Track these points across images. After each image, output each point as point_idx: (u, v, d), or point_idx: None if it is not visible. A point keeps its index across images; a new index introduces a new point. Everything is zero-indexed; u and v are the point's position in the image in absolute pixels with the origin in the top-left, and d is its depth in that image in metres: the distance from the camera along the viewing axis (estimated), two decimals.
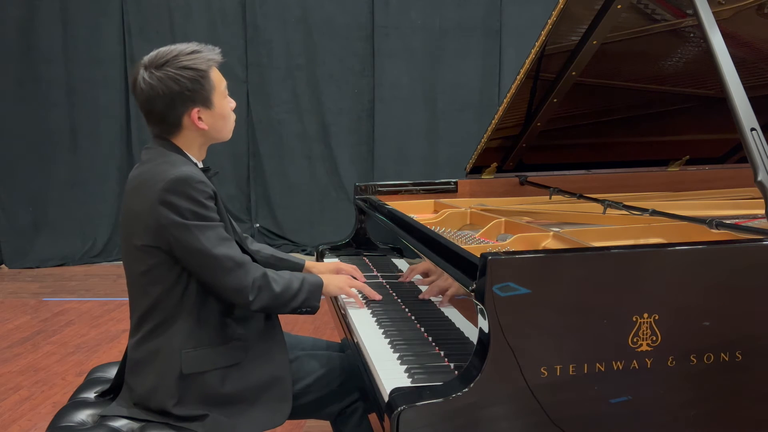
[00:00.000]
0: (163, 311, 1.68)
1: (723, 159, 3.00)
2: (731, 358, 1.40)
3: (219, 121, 1.75)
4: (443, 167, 5.86)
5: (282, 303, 1.73)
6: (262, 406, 1.73)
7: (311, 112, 6.11)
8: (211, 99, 1.71)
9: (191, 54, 1.69)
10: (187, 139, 1.74)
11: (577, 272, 1.35)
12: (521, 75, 2.38)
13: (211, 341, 1.70)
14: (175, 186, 1.61)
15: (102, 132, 6.09)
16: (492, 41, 5.90)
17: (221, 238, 1.66)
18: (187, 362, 1.67)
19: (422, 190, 2.83)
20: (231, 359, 1.72)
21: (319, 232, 6.04)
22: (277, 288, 1.71)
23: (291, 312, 1.76)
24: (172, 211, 1.61)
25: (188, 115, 1.69)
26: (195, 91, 1.68)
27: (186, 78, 1.66)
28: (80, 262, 6.05)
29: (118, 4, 5.95)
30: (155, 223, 1.62)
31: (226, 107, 1.76)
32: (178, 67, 1.66)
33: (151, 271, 1.67)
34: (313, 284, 1.81)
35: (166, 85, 1.65)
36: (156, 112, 1.69)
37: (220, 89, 1.74)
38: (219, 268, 1.64)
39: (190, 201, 1.62)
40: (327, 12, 5.98)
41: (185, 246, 1.62)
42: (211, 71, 1.71)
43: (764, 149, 1.59)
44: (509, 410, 1.32)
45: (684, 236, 1.83)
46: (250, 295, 1.66)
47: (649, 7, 2.23)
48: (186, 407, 1.66)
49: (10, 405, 3.13)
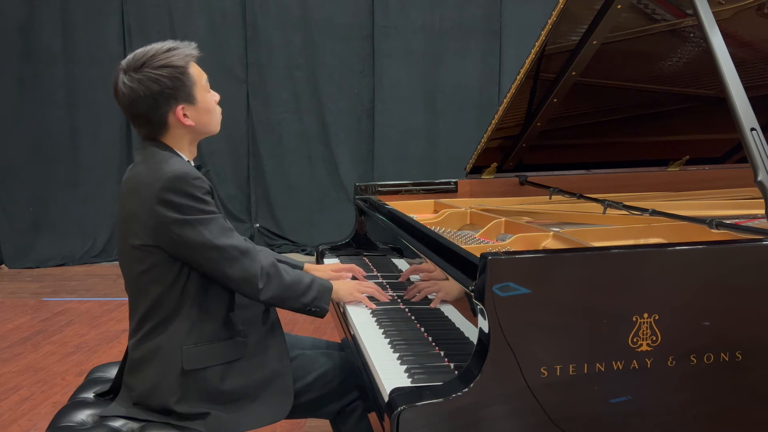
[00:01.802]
0: (164, 309, 1.68)
1: (723, 159, 3.00)
2: (731, 358, 1.40)
3: (204, 115, 1.74)
4: (443, 167, 5.86)
5: (292, 296, 1.73)
6: (263, 400, 1.73)
7: (311, 112, 6.11)
8: (193, 94, 1.70)
9: (167, 52, 1.68)
10: (176, 138, 1.73)
11: (577, 272, 1.35)
12: (521, 75, 2.38)
13: (211, 337, 1.70)
14: (172, 184, 1.61)
15: (102, 132, 6.09)
16: (492, 41, 5.90)
17: (223, 228, 1.66)
18: (188, 358, 1.67)
19: (422, 190, 2.83)
20: (232, 354, 1.72)
21: (319, 232, 6.04)
22: (288, 278, 1.72)
23: (301, 308, 1.76)
24: (172, 209, 1.61)
25: (173, 113, 1.69)
26: (176, 88, 1.67)
27: (165, 77, 1.65)
28: (80, 262, 6.05)
29: (118, 4, 5.95)
30: (155, 222, 1.62)
31: (209, 101, 1.75)
32: (155, 66, 1.65)
33: (150, 270, 1.67)
34: (323, 286, 1.80)
35: (147, 86, 1.65)
36: (141, 115, 1.68)
37: (201, 83, 1.73)
38: (224, 259, 1.64)
39: (188, 198, 1.62)
40: (327, 12, 5.98)
41: (188, 241, 1.62)
42: (189, 66, 1.70)
43: (764, 149, 1.59)
44: (509, 410, 1.32)
45: (684, 236, 1.83)
46: (260, 283, 1.67)
47: (649, 7, 2.23)
48: (188, 404, 1.67)
49: (10, 405, 3.13)
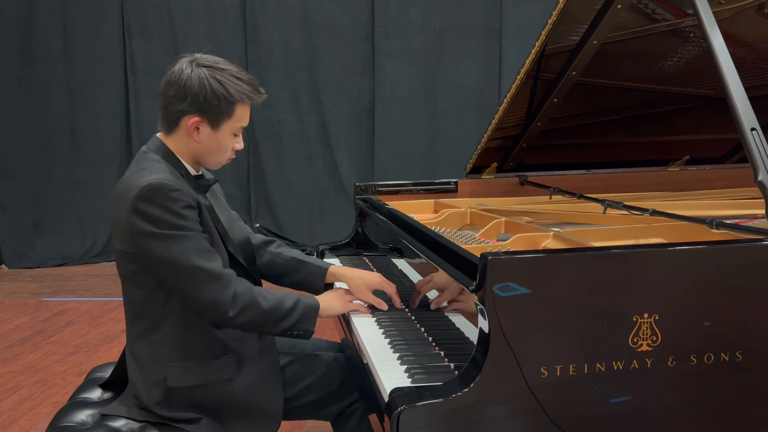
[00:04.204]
0: (148, 317, 1.66)
1: (723, 159, 3.00)
2: (731, 358, 1.40)
3: (213, 145, 1.68)
4: (443, 167, 5.86)
5: (270, 321, 1.65)
6: (249, 420, 1.70)
7: (311, 112, 6.11)
8: (220, 124, 1.65)
9: (235, 78, 1.64)
10: (180, 144, 1.69)
11: (577, 272, 1.35)
12: (521, 75, 2.38)
13: (199, 354, 1.66)
14: (146, 194, 1.56)
15: (102, 132, 6.09)
16: (492, 41, 5.90)
17: (199, 249, 1.59)
18: (172, 375, 1.64)
19: (422, 190, 2.83)
20: (220, 375, 1.67)
21: (319, 232, 6.05)
22: (265, 305, 1.63)
23: (281, 333, 1.68)
24: (143, 219, 1.56)
25: (188, 118, 1.65)
26: (210, 105, 1.63)
27: (212, 90, 1.62)
28: (80, 262, 6.05)
29: (118, 4, 5.95)
30: (130, 231, 1.58)
31: (228, 141, 1.69)
32: (215, 77, 1.62)
33: (132, 275, 1.65)
34: (309, 306, 1.71)
35: (192, 80, 1.62)
36: (166, 97, 1.65)
37: (236, 125, 1.68)
38: (192, 280, 1.57)
39: (162, 209, 1.55)
40: (327, 12, 5.98)
41: (156, 256, 1.57)
42: (239, 103, 1.65)
43: (764, 149, 1.59)
44: (509, 410, 1.32)
45: (684, 236, 1.83)
46: (230, 311, 1.59)
47: (649, 7, 2.23)
48: (173, 413, 1.65)
49: (10, 405, 3.13)
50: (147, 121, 6.02)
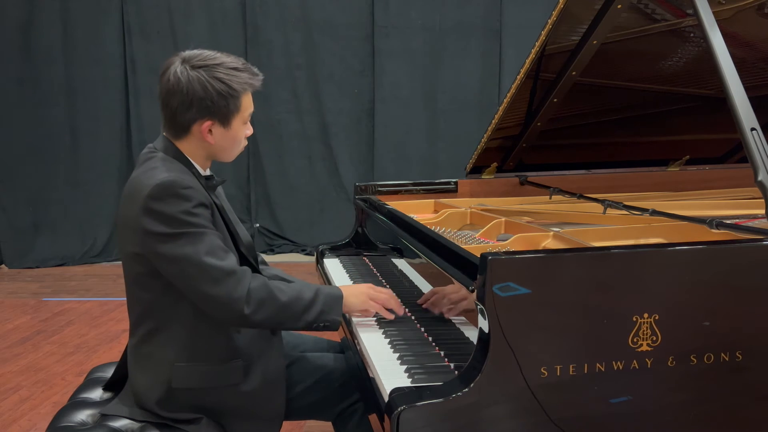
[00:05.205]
0: (155, 319, 1.64)
1: (723, 159, 3.00)
2: (731, 358, 1.40)
3: (228, 142, 1.68)
4: (443, 167, 5.86)
5: (291, 316, 1.60)
6: (251, 421, 1.70)
7: (311, 112, 6.11)
8: (230, 120, 1.64)
9: (233, 70, 1.62)
10: (192, 147, 1.67)
11: (577, 272, 1.35)
12: (521, 75, 2.38)
13: (206, 357, 1.64)
14: (158, 192, 1.53)
15: (102, 132, 6.08)
16: (492, 41, 5.90)
17: (212, 246, 1.56)
18: (177, 376, 1.62)
19: (422, 190, 2.83)
20: (226, 380, 1.65)
21: (319, 232, 6.04)
22: (283, 298, 1.59)
23: (305, 327, 1.63)
24: (155, 219, 1.53)
25: (200, 124, 1.63)
26: (218, 106, 1.60)
27: (215, 90, 1.59)
28: (80, 262, 6.04)
29: (118, 4, 5.94)
30: (141, 231, 1.55)
31: (240, 133, 1.69)
32: (213, 76, 1.59)
33: (141, 278, 1.63)
34: (331, 296, 1.66)
35: (193, 86, 1.58)
36: (170, 108, 1.62)
37: (244, 115, 1.67)
38: (204, 278, 1.53)
39: (174, 208, 1.53)
40: (327, 12, 5.98)
41: (168, 255, 1.54)
42: (243, 94, 1.64)
43: (764, 149, 1.59)
44: (509, 410, 1.32)
45: (684, 236, 1.83)
46: (246, 308, 1.54)
47: (649, 7, 2.23)
48: (174, 413, 1.65)
49: (10, 405, 3.13)
50: (147, 121, 6.02)
